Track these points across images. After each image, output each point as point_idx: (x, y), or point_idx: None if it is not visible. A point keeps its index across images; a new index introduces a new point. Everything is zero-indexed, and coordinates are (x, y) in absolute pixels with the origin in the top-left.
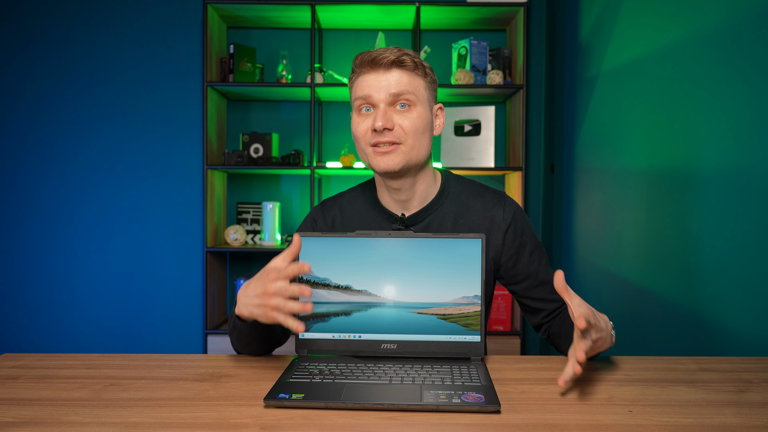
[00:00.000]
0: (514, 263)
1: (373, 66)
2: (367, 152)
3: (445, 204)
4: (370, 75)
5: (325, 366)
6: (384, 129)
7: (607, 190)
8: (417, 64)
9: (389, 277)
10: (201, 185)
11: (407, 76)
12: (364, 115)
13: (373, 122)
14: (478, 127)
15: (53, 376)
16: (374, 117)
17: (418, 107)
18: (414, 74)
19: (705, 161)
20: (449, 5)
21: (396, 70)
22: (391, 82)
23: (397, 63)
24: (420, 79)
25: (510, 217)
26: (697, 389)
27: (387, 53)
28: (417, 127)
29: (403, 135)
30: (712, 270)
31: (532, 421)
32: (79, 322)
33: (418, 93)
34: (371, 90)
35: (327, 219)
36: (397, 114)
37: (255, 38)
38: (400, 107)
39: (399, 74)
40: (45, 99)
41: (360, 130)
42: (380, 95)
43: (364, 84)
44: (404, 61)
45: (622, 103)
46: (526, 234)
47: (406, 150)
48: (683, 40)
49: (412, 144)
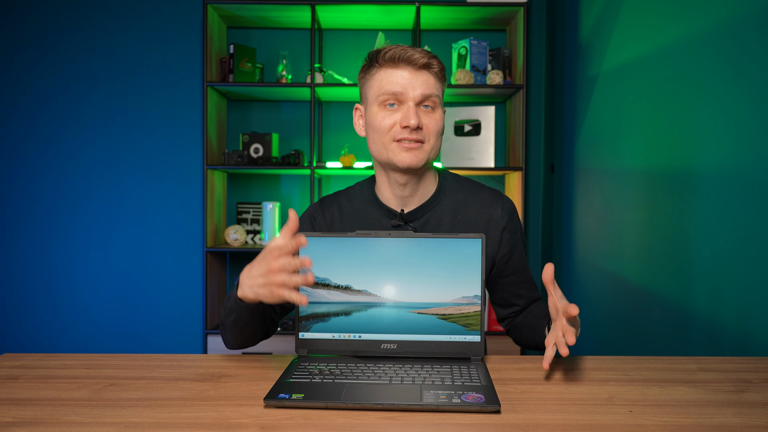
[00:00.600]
0: (507, 260)
1: (407, 64)
2: (390, 147)
3: (443, 201)
4: (401, 71)
5: (325, 366)
6: (417, 127)
7: (606, 190)
8: (442, 68)
9: (389, 277)
10: (201, 185)
11: (434, 80)
12: (389, 110)
13: (403, 119)
14: (478, 127)
15: (53, 376)
16: (406, 114)
17: (439, 109)
18: (438, 78)
19: (705, 161)
20: (449, 5)
21: (425, 71)
22: (422, 83)
23: (427, 66)
24: (440, 84)
25: (507, 216)
26: (697, 389)
27: (418, 54)
28: (439, 128)
29: (428, 134)
30: (711, 270)
31: (532, 421)
32: (79, 322)
33: (440, 96)
34: (404, 87)
35: (326, 216)
36: (423, 114)
37: (255, 38)
38: (425, 108)
39: (427, 76)
40: (45, 99)
41: (385, 124)
42: (413, 93)
43: (394, 80)
44: (433, 64)
45: (622, 103)
46: (518, 233)
47: (428, 149)
48: (683, 40)
49: (433, 144)
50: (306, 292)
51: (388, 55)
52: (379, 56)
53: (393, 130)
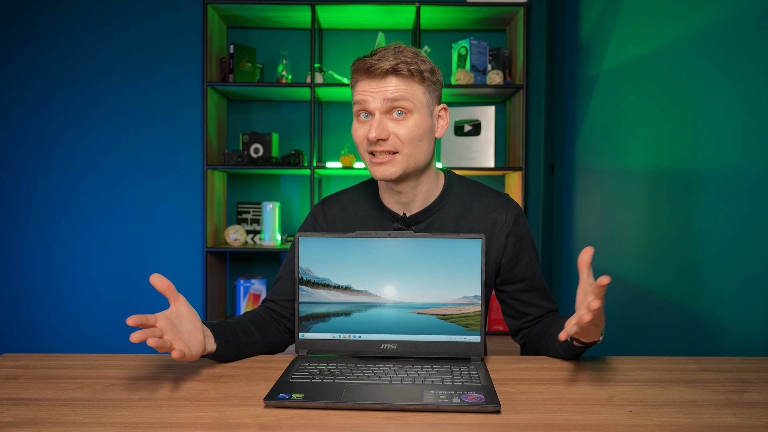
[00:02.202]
0: (513, 266)
1: (370, 73)
2: (366, 158)
3: (447, 205)
4: (367, 82)
5: (325, 366)
6: (378, 140)
7: (607, 190)
8: (413, 71)
9: (389, 277)
10: (201, 185)
11: (404, 84)
12: (362, 122)
13: (368, 131)
14: (478, 127)
15: (53, 376)
16: (369, 126)
17: (415, 114)
18: (411, 81)
19: (705, 161)
20: (449, 5)
21: (392, 77)
22: (387, 90)
23: (394, 71)
24: (417, 85)
25: (512, 221)
26: (697, 389)
27: (383, 62)
28: (413, 135)
29: (399, 144)
30: (712, 270)
31: (532, 421)
32: (79, 322)
33: (414, 100)
34: (367, 97)
35: (328, 217)
36: (393, 122)
37: (255, 38)
38: (397, 114)
39: (395, 82)
40: (45, 99)
41: (358, 136)
42: (375, 103)
43: (360, 90)
44: (400, 69)
45: (622, 103)
46: (525, 238)
47: (403, 159)
48: (683, 40)
49: (409, 152)
50: (306, 292)
51: (354, 66)
52: (354, 63)
53: (364, 142)
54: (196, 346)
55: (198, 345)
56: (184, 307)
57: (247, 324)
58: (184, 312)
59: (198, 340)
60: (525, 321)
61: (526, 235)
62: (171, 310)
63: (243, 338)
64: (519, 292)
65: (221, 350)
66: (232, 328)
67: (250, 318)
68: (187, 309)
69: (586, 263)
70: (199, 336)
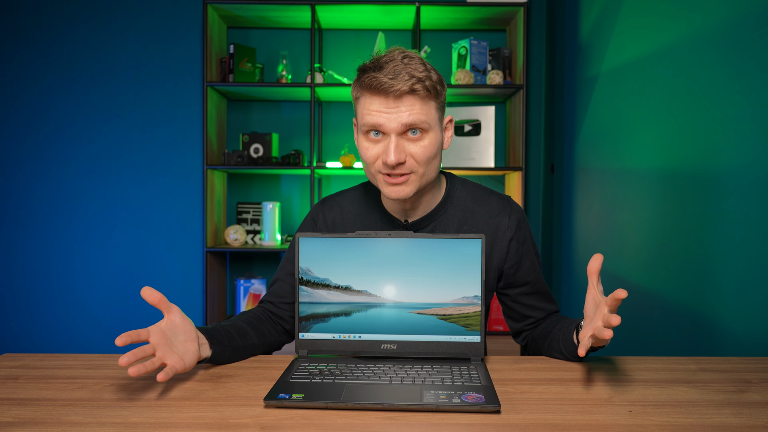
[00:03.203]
0: (516, 270)
1: (386, 94)
2: (378, 178)
3: (449, 210)
4: (380, 101)
5: (325, 366)
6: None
7: (607, 190)
8: (429, 88)
9: (389, 277)
10: (201, 185)
11: (419, 103)
12: (373, 140)
13: (384, 154)
14: (478, 127)
15: (53, 376)
16: (386, 149)
17: (430, 133)
18: (427, 99)
19: (705, 161)
20: (449, 5)
21: (409, 97)
22: (404, 112)
23: (411, 92)
24: (432, 102)
25: (515, 225)
26: (697, 389)
27: (398, 82)
28: (429, 155)
29: (415, 165)
30: (712, 270)
31: (532, 421)
32: (79, 322)
33: (430, 118)
34: (381, 119)
35: (327, 219)
36: (408, 142)
37: (255, 38)
38: (412, 134)
39: (411, 101)
40: (45, 99)
41: (370, 156)
42: (392, 125)
43: (373, 110)
44: (417, 89)
45: (622, 103)
46: (528, 242)
47: (417, 178)
48: (683, 40)
49: (424, 171)
50: (306, 292)
51: (366, 82)
52: (361, 78)
53: (377, 163)
54: (190, 357)
55: (192, 355)
56: (177, 318)
57: (244, 326)
58: (178, 322)
59: (192, 350)
60: (527, 324)
61: (528, 239)
62: (165, 321)
63: (239, 341)
64: (521, 295)
65: (217, 356)
66: (228, 331)
67: (247, 319)
68: (181, 319)
69: (595, 271)
70: (193, 346)
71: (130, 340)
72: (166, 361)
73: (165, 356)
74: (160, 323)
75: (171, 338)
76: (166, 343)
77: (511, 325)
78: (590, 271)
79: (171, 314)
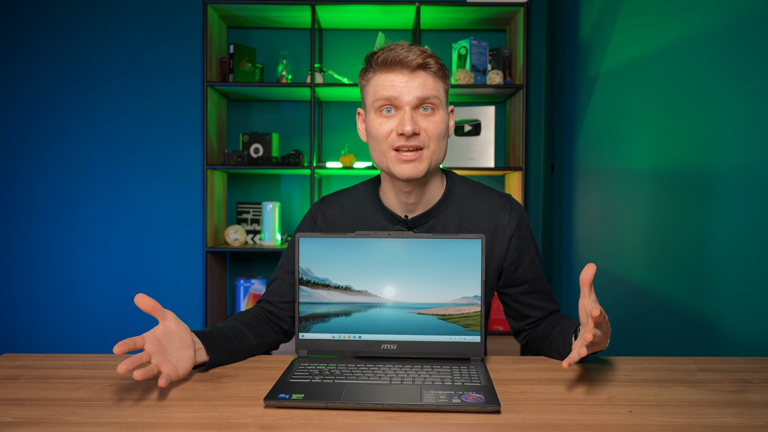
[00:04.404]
0: (515, 269)
1: (400, 67)
2: (389, 156)
3: (449, 207)
4: (395, 75)
5: (325, 366)
6: (413, 134)
7: (607, 190)
8: (441, 66)
9: (389, 277)
10: (201, 185)
11: (432, 80)
12: (386, 116)
13: (398, 125)
14: (478, 127)
15: (53, 376)
16: (401, 120)
17: (440, 110)
18: (437, 77)
19: (705, 161)
20: (449, 5)
21: (422, 72)
22: (418, 86)
23: (423, 66)
24: (442, 82)
25: (515, 223)
26: (697, 389)
27: (412, 55)
28: (440, 131)
29: (427, 139)
30: (712, 270)
31: (532, 421)
32: (79, 322)
33: (440, 96)
34: (397, 92)
35: (327, 218)
36: (421, 117)
37: (255, 38)
38: (424, 110)
39: (425, 77)
40: (45, 99)
41: (383, 132)
42: (408, 98)
43: (387, 84)
44: (429, 63)
45: (622, 103)
46: (528, 240)
47: (428, 155)
48: (683, 40)
49: (434, 148)
50: (306, 292)
51: (381, 59)
52: (373, 60)
53: (390, 138)
54: (184, 364)
55: (187, 363)
56: (172, 324)
57: (241, 327)
58: (173, 329)
59: (187, 357)
60: (527, 323)
61: (528, 237)
62: (159, 328)
63: (237, 343)
64: (521, 294)
65: (214, 360)
66: (225, 334)
67: (244, 320)
68: (176, 325)
69: (587, 281)
70: (188, 353)
71: (127, 348)
72: (161, 369)
73: (160, 364)
74: (155, 330)
75: (166, 345)
76: (160, 351)
77: (511, 324)
78: (582, 281)
79: (166, 321)
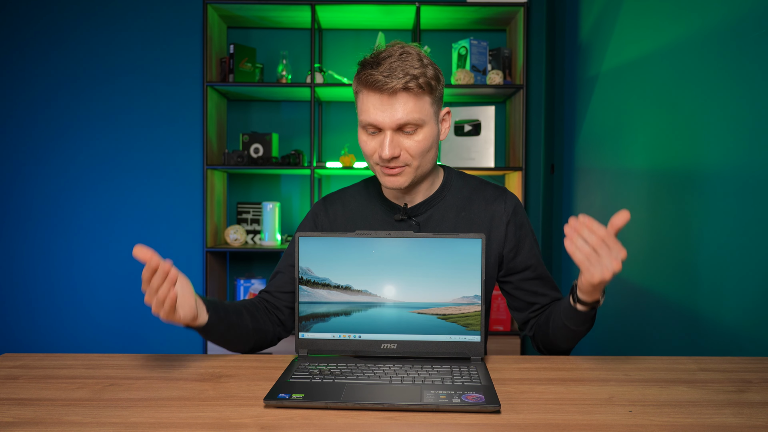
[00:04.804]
0: (515, 255)
1: (381, 91)
2: (376, 169)
3: (447, 197)
4: (376, 97)
5: (325, 366)
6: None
7: (607, 190)
8: (423, 85)
9: (389, 277)
10: (201, 185)
11: (413, 100)
12: (370, 135)
13: (380, 148)
14: (478, 127)
15: (53, 376)
16: (381, 144)
17: (425, 128)
18: (421, 95)
19: (705, 161)
20: (449, 5)
21: (403, 94)
22: (399, 109)
23: (406, 89)
24: (427, 97)
25: (511, 210)
26: (697, 389)
27: (392, 80)
28: (423, 149)
29: (410, 158)
30: (712, 270)
31: (532, 421)
32: (79, 322)
33: (424, 114)
34: (378, 118)
35: (329, 213)
36: (403, 137)
37: (255, 38)
38: (406, 132)
39: (405, 99)
40: (45, 99)
41: (368, 149)
42: (388, 122)
43: (369, 107)
44: (410, 88)
45: (622, 103)
46: (525, 227)
47: (412, 170)
48: (683, 40)
49: (418, 164)
50: (306, 292)
51: (363, 78)
52: (361, 73)
53: (374, 156)
54: (186, 309)
55: (189, 309)
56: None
57: (239, 307)
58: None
59: (189, 304)
60: (532, 311)
61: (525, 224)
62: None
63: (234, 318)
64: (523, 281)
65: (212, 324)
66: (225, 306)
67: (243, 303)
68: (182, 276)
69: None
70: (191, 301)
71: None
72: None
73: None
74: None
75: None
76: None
77: (516, 317)
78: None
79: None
